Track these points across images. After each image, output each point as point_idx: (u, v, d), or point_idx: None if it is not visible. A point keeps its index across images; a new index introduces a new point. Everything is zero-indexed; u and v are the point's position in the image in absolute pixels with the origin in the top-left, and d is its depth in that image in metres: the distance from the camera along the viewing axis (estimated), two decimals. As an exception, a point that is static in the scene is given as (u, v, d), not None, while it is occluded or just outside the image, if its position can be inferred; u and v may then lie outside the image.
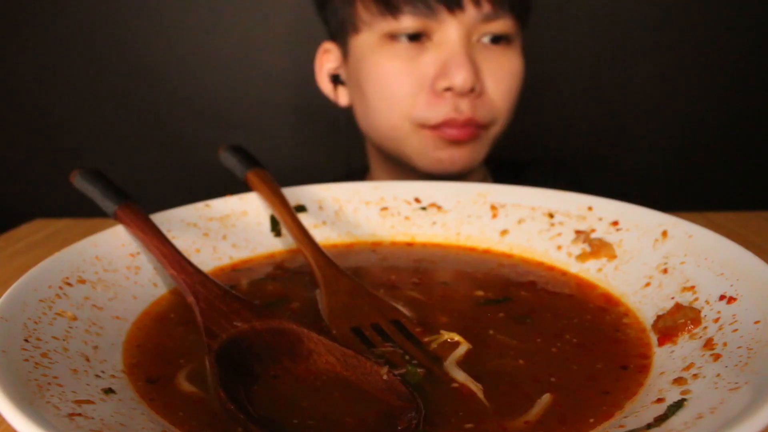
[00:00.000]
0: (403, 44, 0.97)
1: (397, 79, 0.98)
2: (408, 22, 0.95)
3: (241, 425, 0.38)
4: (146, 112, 1.71)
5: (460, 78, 0.92)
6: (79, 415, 0.36)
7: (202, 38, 1.65)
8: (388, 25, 0.96)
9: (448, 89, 0.95)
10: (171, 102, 1.69)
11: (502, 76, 0.98)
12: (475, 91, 0.95)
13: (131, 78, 1.68)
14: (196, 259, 0.61)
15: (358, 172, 1.24)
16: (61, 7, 1.63)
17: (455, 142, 0.98)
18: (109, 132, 1.72)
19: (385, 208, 0.75)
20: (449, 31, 0.94)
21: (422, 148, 1.00)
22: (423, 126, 0.98)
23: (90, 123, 1.72)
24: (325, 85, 1.14)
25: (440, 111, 0.96)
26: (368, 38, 1.00)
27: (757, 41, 1.62)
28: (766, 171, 1.71)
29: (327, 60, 1.12)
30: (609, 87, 1.67)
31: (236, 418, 0.38)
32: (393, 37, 0.97)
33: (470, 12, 0.94)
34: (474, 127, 0.97)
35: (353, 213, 0.74)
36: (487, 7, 0.94)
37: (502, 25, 0.97)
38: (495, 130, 1.02)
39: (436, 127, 0.97)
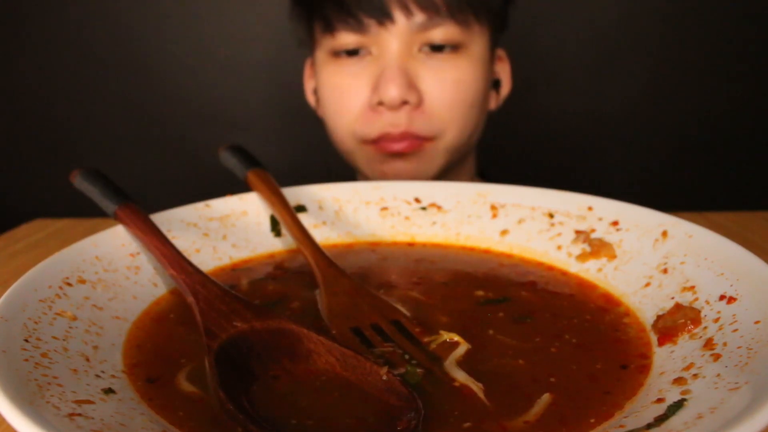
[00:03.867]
0: (345, 60, 0.97)
1: (341, 96, 0.98)
2: (344, 39, 0.95)
3: (241, 425, 0.38)
4: (146, 113, 1.71)
5: (389, 92, 0.91)
6: (79, 415, 0.36)
7: (203, 38, 1.65)
8: (329, 42, 0.98)
9: (380, 103, 0.94)
10: (171, 102, 1.69)
11: (445, 86, 0.95)
12: (409, 103, 0.93)
13: (131, 78, 1.68)
14: (196, 259, 0.62)
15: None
16: (60, 8, 1.63)
17: (398, 155, 0.97)
18: (109, 132, 1.73)
19: (385, 208, 0.75)
20: (384, 44, 0.94)
21: (368, 162, 1.01)
22: (364, 141, 0.98)
23: (90, 123, 1.72)
24: (310, 98, 1.16)
25: (376, 126, 0.95)
26: (320, 55, 1.02)
27: (757, 41, 1.62)
28: (766, 171, 1.71)
29: (310, 74, 1.13)
30: (608, 86, 1.67)
31: (236, 418, 0.39)
32: (336, 53, 0.98)
33: (402, 23, 0.92)
34: (412, 140, 0.96)
35: (353, 213, 0.74)
36: (420, 17, 0.92)
37: (443, 32, 0.93)
38: (446, 142, 0.99)
39: (375, 142, 0.97)
